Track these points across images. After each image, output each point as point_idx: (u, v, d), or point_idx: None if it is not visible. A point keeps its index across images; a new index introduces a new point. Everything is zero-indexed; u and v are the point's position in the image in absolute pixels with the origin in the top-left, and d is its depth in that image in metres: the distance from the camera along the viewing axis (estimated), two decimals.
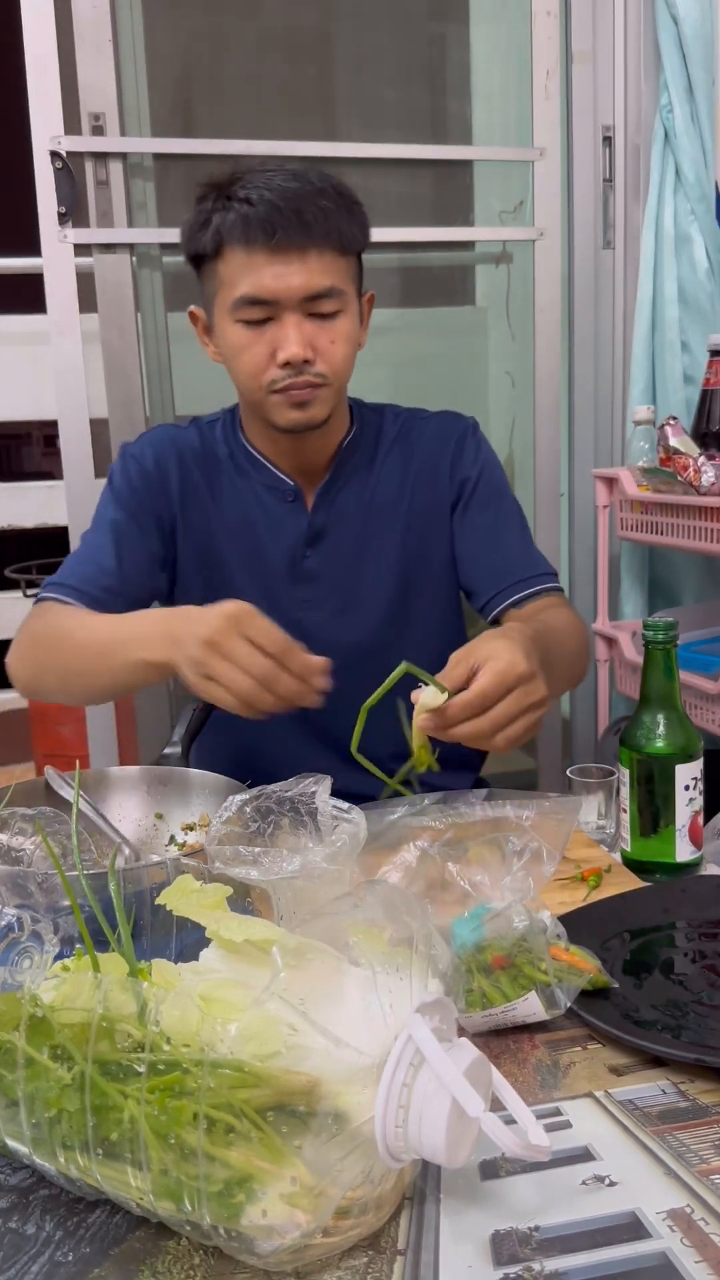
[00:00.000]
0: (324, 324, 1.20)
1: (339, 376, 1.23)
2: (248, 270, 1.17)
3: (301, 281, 1.17)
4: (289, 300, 1.17)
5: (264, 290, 1.17)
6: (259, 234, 1.15)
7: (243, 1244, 0.55)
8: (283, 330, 1.18)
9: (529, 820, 0.91)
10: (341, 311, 1.21)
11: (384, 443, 1.37)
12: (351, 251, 1.22)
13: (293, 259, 1.16)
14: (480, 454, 1.38)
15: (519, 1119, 0.60)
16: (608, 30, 2.18)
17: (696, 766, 1.04)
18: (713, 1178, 0.63)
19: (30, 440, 6.37)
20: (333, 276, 1.19)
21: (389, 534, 1.35)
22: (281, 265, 1.16)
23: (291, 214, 1.15)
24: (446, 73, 2.29)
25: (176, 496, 1.33)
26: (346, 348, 1.22)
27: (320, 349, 1.20)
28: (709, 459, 1.80)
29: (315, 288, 1.17)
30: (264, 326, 1.19)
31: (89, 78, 1.88)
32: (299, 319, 1.18)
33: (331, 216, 1.17)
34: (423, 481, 1.35)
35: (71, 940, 0.73)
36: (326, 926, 0.61)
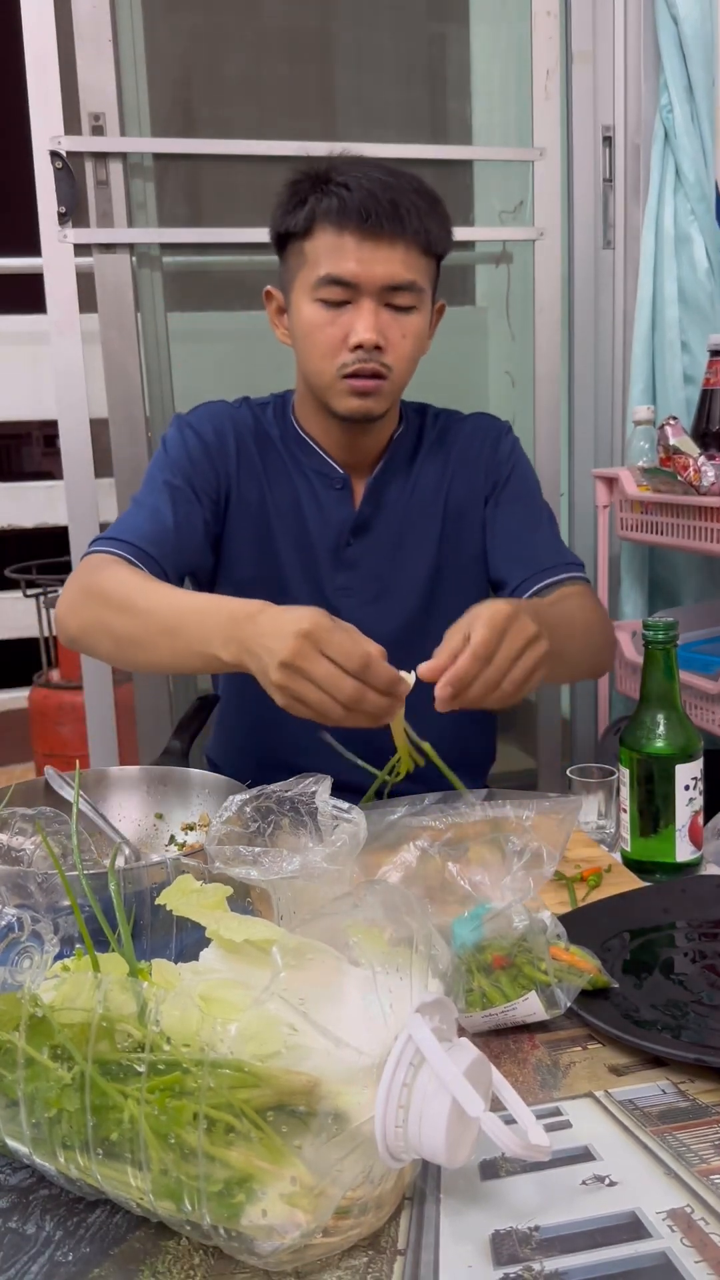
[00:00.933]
0: (398, 316, 1.23)
1: (404, 371, 1.26)
2: (335, 251, 1.20)
3: (385, 270, 1.20)
4: (370, 286, 1.20)
5: (348, 272, 1.20)
6: (354, 217, 1.18)
7: (243, 1244, 0.55)
8: (359, 314, 1.21)
9: (529, 820, 0.91)
10: (416, 309, 1.24)
11: (426, 440, 1.40)
12: (434, 253, 1.25)
13: (381, 246, 1.19)
14: (514, 453, 1.43)
15: (519, 1119, 0.60)
16: (608, 30, 2.18)
17: (696, 766, 1.04)
18: (713, 1178, 0.63)
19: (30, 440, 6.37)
20: (414, 272, 1.22)
21: (427, 527, 1.38)
22: (370, 250, 1.19)
23: (388, 204, 1.18)
24: (446, 73, 2.29)
25: (234, 470, 1.34)
26: (414, 345, 1.25)
27: (391, 340, 1.22)
28: (709, 459, 1.80)
29: (397, 278, 1.20)
30: (341, 309, 1.22)
31: (89, 78, 1.88)
32: (376, 306, 1.21)
33: (423, 215, 1.21)
34: (460, 477, 1.39)
35: (71, 940, 0.73)
36: (326, 926, 0.61)
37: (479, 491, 1.39)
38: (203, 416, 1.37)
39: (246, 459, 1.35)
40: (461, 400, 1.53)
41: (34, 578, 3.18)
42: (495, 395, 2.37)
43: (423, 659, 1.20)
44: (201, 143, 2.01)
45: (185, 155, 2.01)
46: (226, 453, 1.34)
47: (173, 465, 1.33)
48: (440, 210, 1.25)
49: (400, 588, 1.37)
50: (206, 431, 1.35)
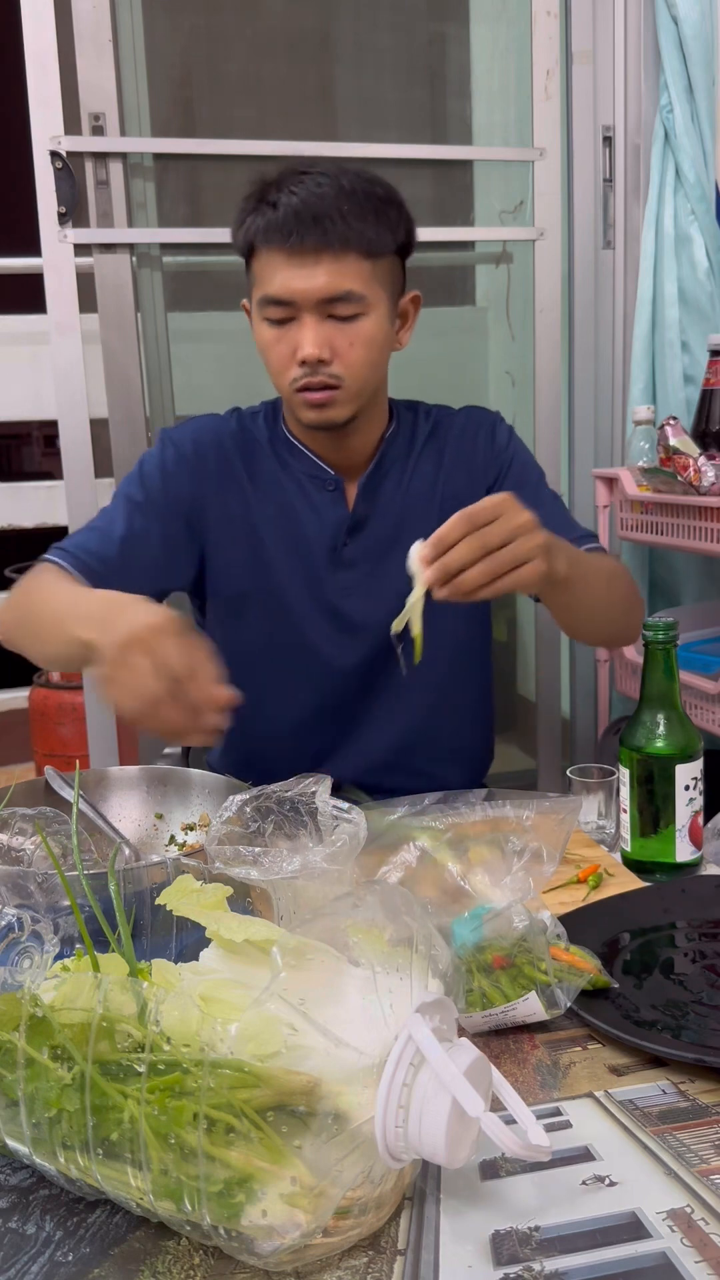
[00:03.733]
0: (343, 326, 1.22)
1: (357, 378, 1.25)
2: (270, 271, 1.21)
3: (316, 285, 1.20)
4: (305, 302, 1.20)
5: (282, 291, 1.21)
6: (277, 237, 1.19)
7: (243, 1244, 0.55)
8: (301, 330, 1.22)
9: (529, 820, 0.91)
10: (362, 315, 1.23)
11: (419, 437, 1.41)
12: (380, 254, 1.23)
13: (308, 262, 1.19)
14: (512, 442, 1.43)
15: (519, 1119, 0.60)
16: (608, 30, 2.18)
17: (696, 766, 1.04)
18: (713, 1178, 0.63)
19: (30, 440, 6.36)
20: (351, 280, 1.21)
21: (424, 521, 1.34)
22: (298, 267, 1.20)
23: (309, 219, 1.18)
24: (446, 73, 2.29)
25: (214, 484, 1.35)
26: (366, 351, 1.24)
27: (338, 350, 1.22)
28: (709, 459, 1.80)
29: (330, 291, 1.20)
30: (287, 326, 1.23)
31: (89, 78, 1.88)
32: (317, 320, 1.21)
33: (354, 220, 1.19)
34: (456, 470, 1.39)
35: (71, 940, 0.73)
36: (326, 926, 0.61)
37: (478, 484, 1.39)
38: (185, 431, 1.39)
39: (229, 471, 1.36)
40: (461, 400, 1.53)
41: None
42: (495, 395, 2.37)
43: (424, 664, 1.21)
44: (201, 143, 2.01)
45: (185, 155, 2.01)
46: (205, 468, 1.35)
47: (140, 480, 1.35)
48: (388, 208, 1.24)
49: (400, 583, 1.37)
50: (185, 446, 1.36)
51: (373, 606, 1.35)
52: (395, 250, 1.27)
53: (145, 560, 1.30)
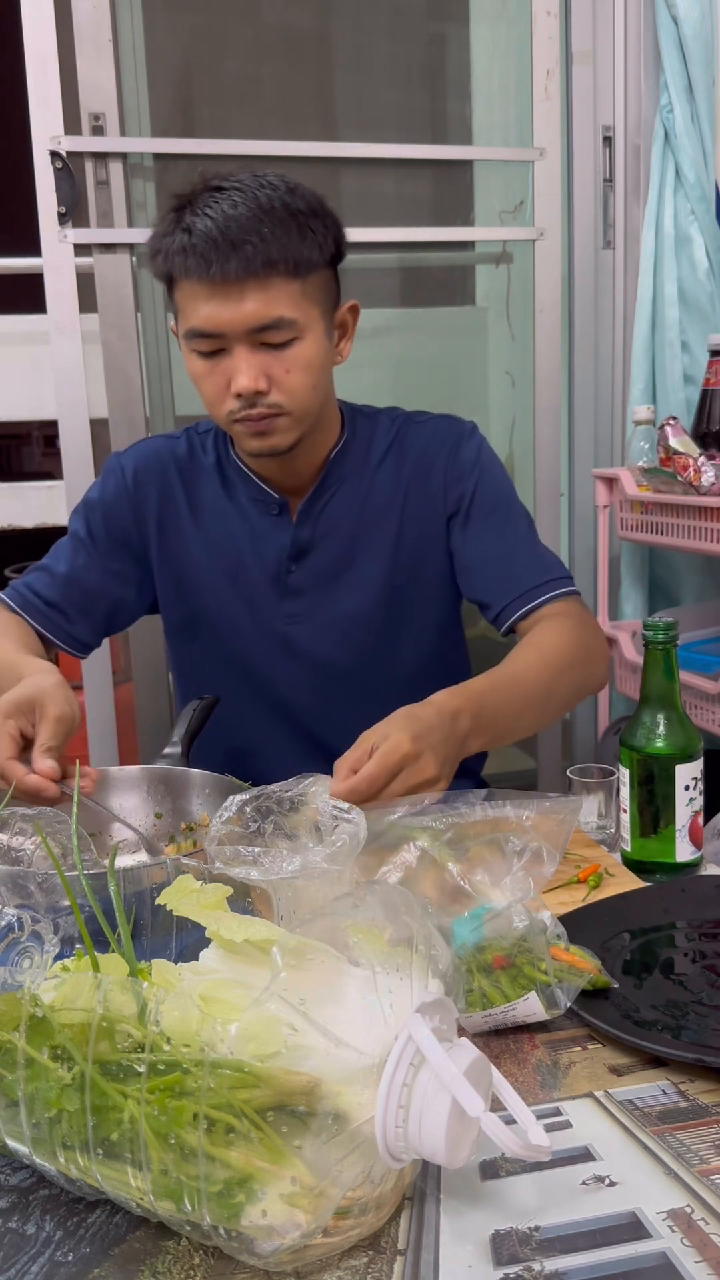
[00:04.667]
0: (278, 353, 1.16)
1: (300, 404, 1.19)
2: (193, 303, 1.15)
3: (243, 315, 1.13)
4: (233, 333, 1.14)
5: (207, 324, 1.14)
6: (195, 267, 1.12)
7: (243, 1244, 0.55)
8: (233, 362, 1.15)
9: (529, 820, 0.91)
10: (297, 339, 1.16)
11: (375, 450, 1.33)
12: (309, 271, 1.16)
13: (231, 292, 1.12)
14: (479, 459, 1.34)
15: (519, 1119, 0.60)
16: (608, 30, 2.18)
17: (696, 766, 1.04)
18: (713, 1178, 0.63)
19: (30, 440, 6.36)
20: (280, 306, 1.14)
21: (379, 545, 1.32)
22: (221, 299, 1.13)
23: (227, 246, 1.10)
24: (446, 73, 2.29)
25: (154, 513, 1.33)
26: (304, 375, 1.18)
27: (275, 378, 1.16)
28: (709, 459, 1.80)
29: (259, 320, 1.13)
30: (218, 357, 1.17)
31: (89, 78, 1.88)
32: (249, 350, 1.15)
33: (276, 242, 1.12)
34: (416, 490, 1.32)
35: (71, 940, 0.73)
36: (326, 926, 0.61)
37: (438, 508, 1.32)
38: (128, 459, 1.36)
39: (170, 501, 1.33)
40: (461, 400, 1.53)
41: None
42: (495, 395, 2.37)
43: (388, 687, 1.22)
44: (201, 143, 2.01)
45: (185, 155, 2.01)
46: (145, 498, 1.33)
47: (85, 515, 1.35)
48: (313, 220, 1.16)
49: (354, 612, 1.33)
50: (126, 477, 1.34)
51: (321, 635, 1.32)
52: (327, 261, 1.19)
53: (89, 596, 1.33)
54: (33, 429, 5.84)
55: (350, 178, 2.16)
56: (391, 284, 2.27)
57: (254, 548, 1.32)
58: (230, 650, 1.35)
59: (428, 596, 1.35)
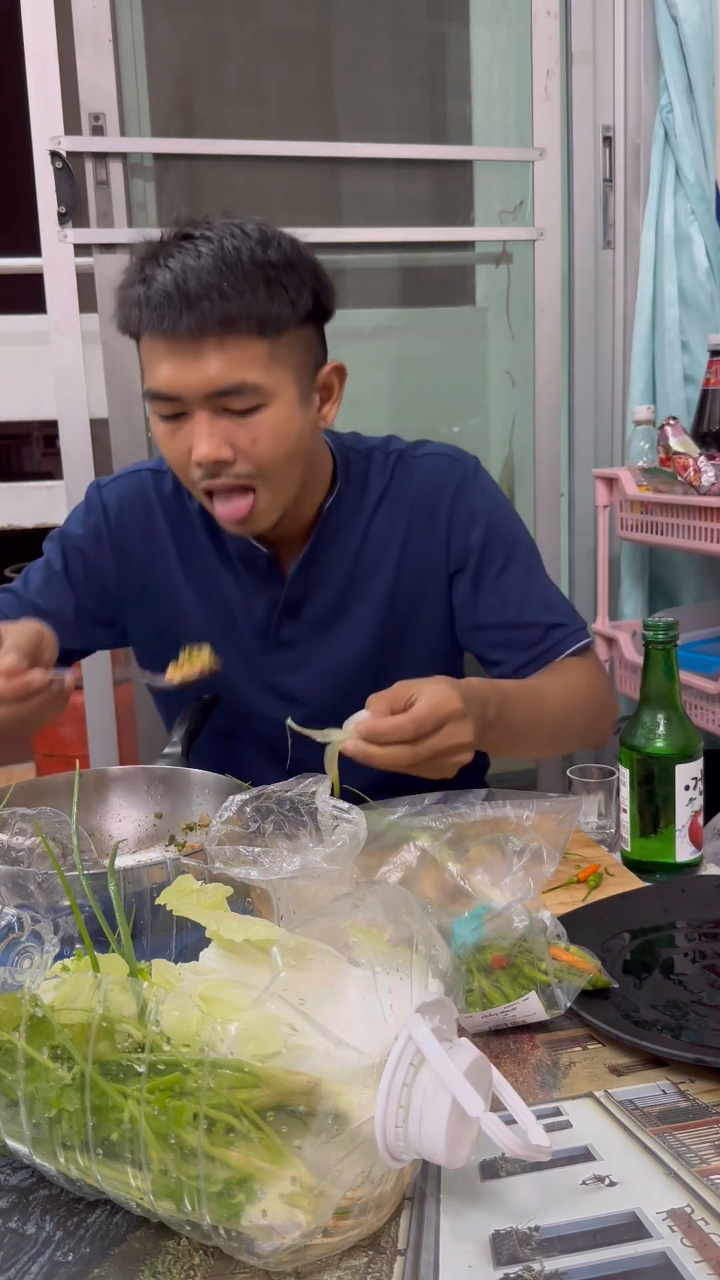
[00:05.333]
0: (243, 420, 1.06)
1: (271, 477, 1.09)
2: (152, 361, 1.06)
3: (200, 378, 1.03)
4: (192, 397, 1.05)
5: (165, 386, 1.05)
6: (150, 321, 1.03)
7: (243, 1244, 0.55)
8: (194, 429, 1.06)
9: (529, 820, 0.92)
10: (263, 405, 1.06)
11: (370, 496, 1.24)
12: (279, 330, 1.05)
13: (186, 354, 1.03)
14: (485, 504, 1.25)
15: (519, 1119, 0.60)
16: (608, 30, 2.18)
17: (696, 766, 1.04)
18: (713, 1178, 0.63)
19: (30, 440, 6.37)
20: (242, 369, 1.04)
21: (375, 593, 1.25)
22: (177, 359, 1.03)
23: (183, 300, 1.01)
24: (446, 73, 2.29)
25: (138, 558, 1.26)
26: (273, 445, 1.08)
27: (240, 447, 1.07)
28: (709, 459, 1.80)
29: (217, 384, 1.04)
30: (179, 421, 1.08)
31: (89, 78, 1.88)
32: (209, 416, 1.05)
33: (239, 299, 1.02)
34: (416, 535, 1.24)
35: (71, 940, 0.73)
36: (326, 926, 0.61)
37: (440, 560, 1.24)
38: (112, 493, 1.27)
39: (154, 544, 1.25)
40: (462, 400, 1.52)
41: None
42: (495, 395, 2.37)
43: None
44: (201, 143, 2.01)
45: (185, 155, 2.01)
46: (127, 540, 1.25)
47: (62, 546, 1.29)
48: (286, 274, 1.05)
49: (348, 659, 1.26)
50: (109, 514, 1.26)
51: (313, 681, 1.26)
52: (304, 319, 1.08)
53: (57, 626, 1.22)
54: (33, 429, 5.84)
55: (350, 178, 2.16)
56: (391, 284, 2.27)
57: (244, 602, 1.25)
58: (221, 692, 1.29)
59: (425, 641, 1.28)
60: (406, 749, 0.92)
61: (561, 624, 1.25)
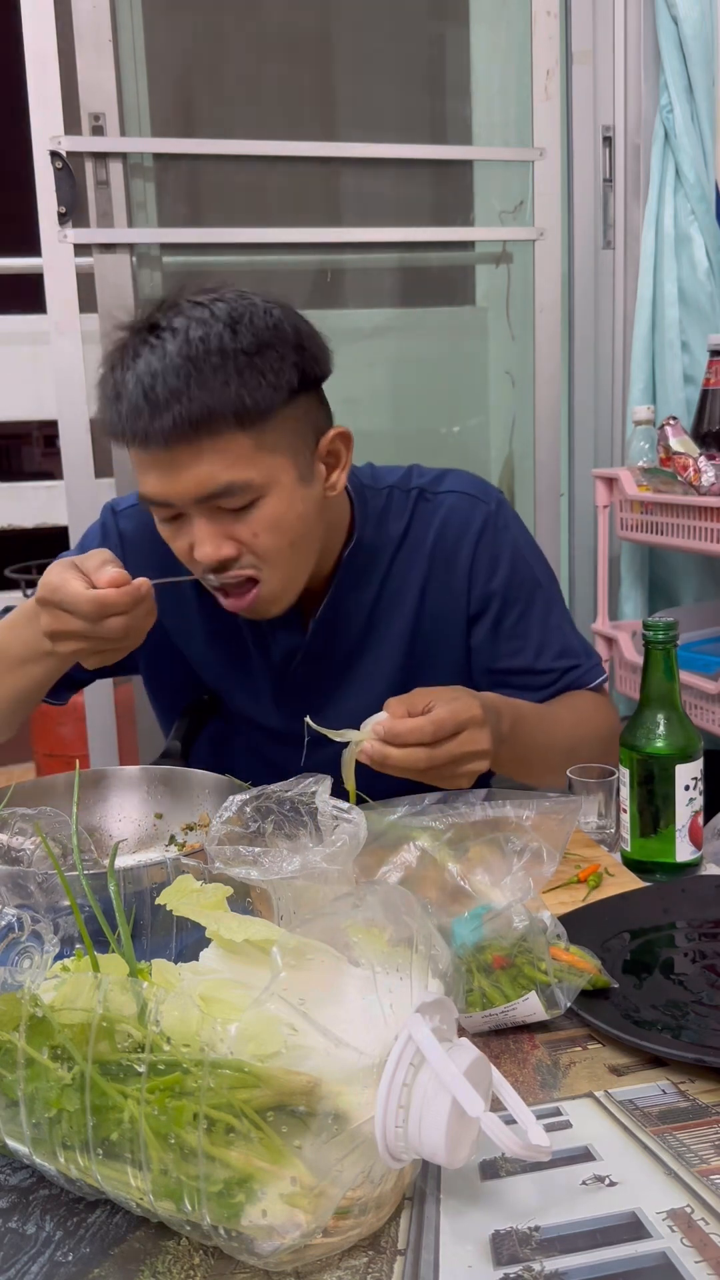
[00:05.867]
0: (240, 517, 1.03)
1: (277, 567, 1.06)
2: (139, 468, 1.03)
3: (184, 486, 1.00)
4: (183, 503, 1.02)
5: (154, 494, 1.02)
6: (126, 434, 1.00)
7: (243, 1244, 0.55)
8: (193, 530, 1.04)
9: (529, 820, 0.92)
10: (257, 499, 1.02)
11: (388, 542, 1.20)
12: (264, 419, 1.00)
13: (164, 462, 0.99)
14: (508, 549, 1.21)
15: (519, 1119, 0.60)
16: (608, 30, 2.18)
17: (696, 766, 1.04)
18: (713, 1178, 0.63)
19: (30, 440, 6.37)
20: (227, 470, 0.99)
21: (394, 637, 1.23)
22: (159, 468, 1.00)
23: (151, 409, 0.96)
24: (446, 73, 2.30)
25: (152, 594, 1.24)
26: (275, 537, 1.04)
27: (243, 542, 1.04)
28: (709, 459, 1.80)
29: (201, 490, 1.00)
30: (178, 523, 1.05)
31: (89, 78, 1.88)
32: (205, 519, 1.02)
33: (210, 394, 0.96)
34: (436, 578, 1.21)
35: (71, 940, 0.73)
36: (326, 926, 0.61)
37: (460, 605, 1.21)
38: (130, 521, 1.23)
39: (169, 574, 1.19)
40: (461, 400, 1.52)
41: (34, 578, 3.18)
42: (495, 395, 2.37)
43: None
44: (201, 143, 2.01)
45: (185, 155, 2.02)
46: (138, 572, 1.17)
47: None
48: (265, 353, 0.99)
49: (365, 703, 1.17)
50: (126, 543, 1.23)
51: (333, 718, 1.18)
52: (290, 396, 1.02)
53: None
54: (33, 429, 5.84)
55: (350, 178, 2.16)
56: (391, 284, 2.27)
57: (261, 645, 1.22)
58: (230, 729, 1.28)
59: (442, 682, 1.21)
60: (423, 752, 0.92)
61: (578, 665, 1.23)
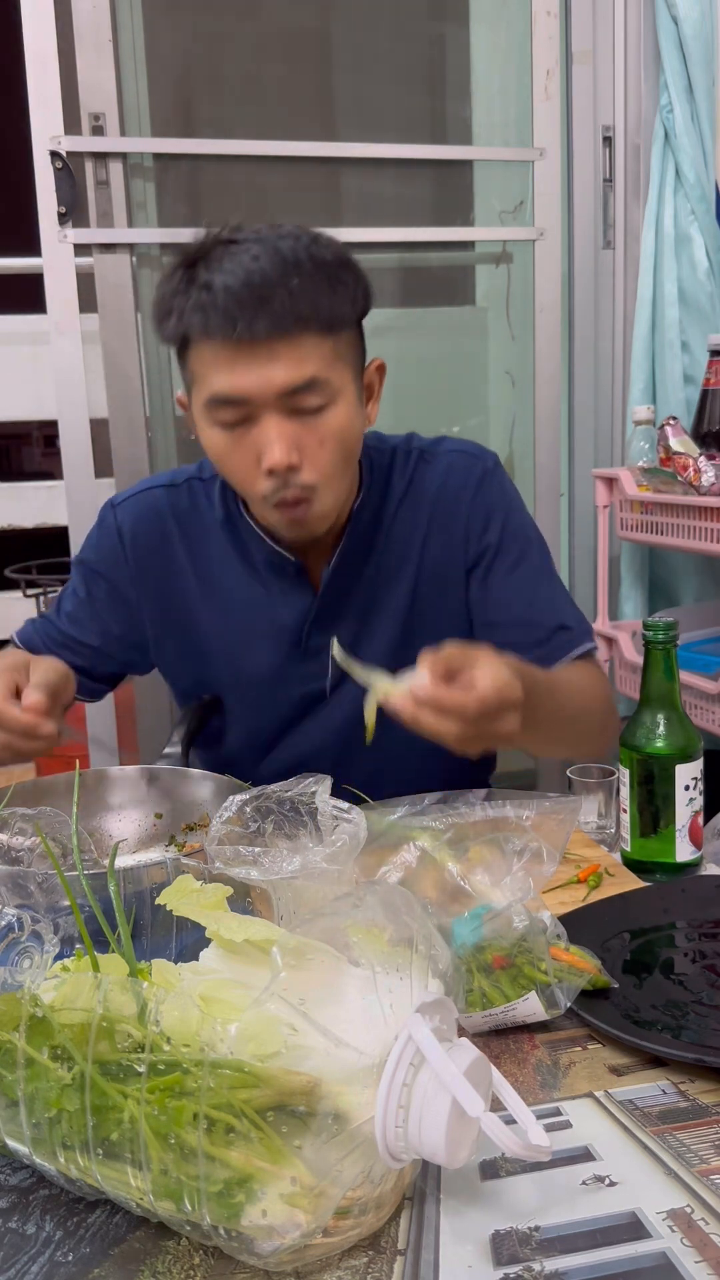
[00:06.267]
0: (309, 421, 1.05)
1: (332, 485, 1.10)
2: (215, 367, 1.03)
3: (274, 378, 1.02)
4: (263, 399, 1.03)
5: (235, 389, 1.03)
6: (220, 327, 1.01)
7: (243, 1244, 0.55)
8: (263, 432, 1.04)
9: (529, 820, 0.92)
10: (329, 404, 1.06)
11: (392, 498, 1.23)
12: (341, 329, 1.06)
13: (260, 353, 1.01)
14: (503, 501, 1.24)
15: (519, 1119, 0.60)
16: (608, 30, 2.18)
17: (696, 766, 1.04)
18: (713, 1178, 0.63)
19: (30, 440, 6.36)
20: (313, 366, 1.03)
21: (398, 597, 1.24)
22: (249, 361, 1.02)
23: (253, 301, 1.00)
24: (446, 73, 2.30)
25: (154, 579, 1.25)
26: (338, 449, 1.08)
27: (307, 452, 1.06)
28: (709, 459, 1.80)
29: (292, 383, 1.03)
30: (243, 429, 1.06)
31: (89, 78, 1.88)
32: (279, 419, 1.04)
33: (306, 297, 1.01)
34: (436, 533, 1.23)
35: (71, 940, 0.73)
36: (326, 926, 0.61)
37: (458, 558, 1.23)
38: (126, 515, 1.26)
39: (170, 563, 1.24)
40: (461, 400, 1.52)
41: (34, 578, 3.17)
42: (495, 395, 2.37)
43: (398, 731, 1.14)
44: (201, 143, 2.01)
45: (185, 155, 2.01)
46: (143, 560, 1.25)
47: (83, 571, 1.29)
48: (337, 274, 1.05)
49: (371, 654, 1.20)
50: (125, 536, 1.25)
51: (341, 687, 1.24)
52: (356, 320, 1.09)
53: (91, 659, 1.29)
54: (33, 429, 5.84)
55: (350, 178, 2.16)
56: (391, 284, 2.27)
57: (270, 612, 1.23)
58: (247, 708, 1.29)
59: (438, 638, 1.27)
60: (457, 726, 0.85)
61: (568, 627, 1.23)
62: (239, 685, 1.27)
